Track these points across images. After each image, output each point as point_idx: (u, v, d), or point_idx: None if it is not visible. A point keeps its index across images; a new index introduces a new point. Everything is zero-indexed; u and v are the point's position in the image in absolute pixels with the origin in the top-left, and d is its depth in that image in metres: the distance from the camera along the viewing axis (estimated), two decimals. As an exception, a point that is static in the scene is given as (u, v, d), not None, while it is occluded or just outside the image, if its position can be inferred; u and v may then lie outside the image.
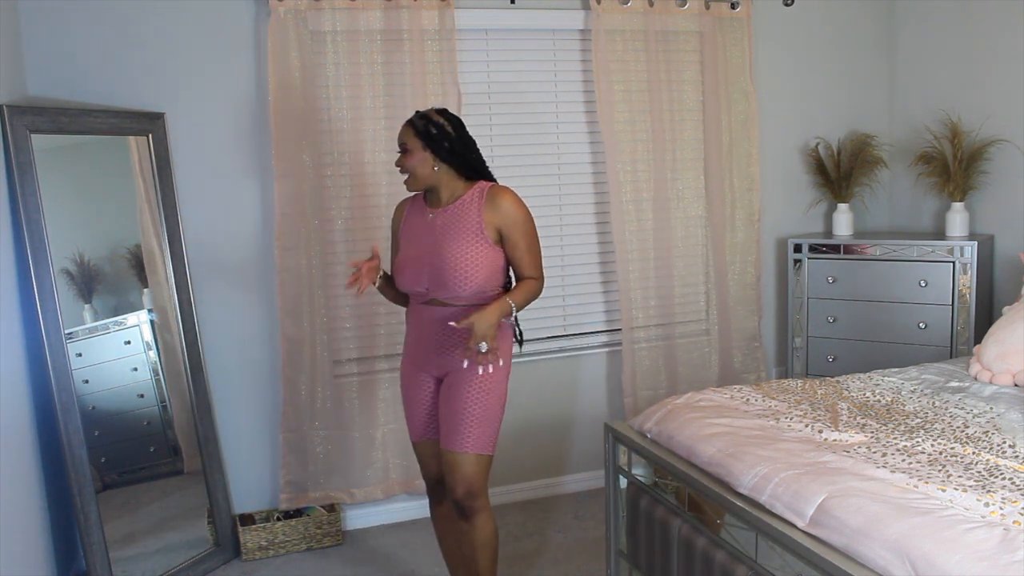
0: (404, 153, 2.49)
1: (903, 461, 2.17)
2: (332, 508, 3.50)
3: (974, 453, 2.23)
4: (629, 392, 3.84)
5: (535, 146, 3.76)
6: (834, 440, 2.35)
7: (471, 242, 2.45)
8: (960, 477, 2.05)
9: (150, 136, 3.17)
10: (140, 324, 3.22)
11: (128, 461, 3.17)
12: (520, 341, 2.62)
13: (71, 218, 3.04)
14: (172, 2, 3.20)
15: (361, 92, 3.38)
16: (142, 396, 3.23)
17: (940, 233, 3.86)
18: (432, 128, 2.46)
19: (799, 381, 2.95)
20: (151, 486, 3.25)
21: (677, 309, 3.91)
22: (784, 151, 4.16)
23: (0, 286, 2.52)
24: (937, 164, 3.82)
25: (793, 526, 1.99)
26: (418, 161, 2.47)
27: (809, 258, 3.91)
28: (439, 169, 2.49)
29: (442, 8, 3.42)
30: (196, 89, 3.26)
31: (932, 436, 2.36)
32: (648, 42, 3.72)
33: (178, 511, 3.27)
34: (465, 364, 2.38)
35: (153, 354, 3.25)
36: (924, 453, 2.23)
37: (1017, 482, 2.02)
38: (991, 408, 2.62)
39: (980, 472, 2.09)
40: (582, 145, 3.83)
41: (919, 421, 2.51)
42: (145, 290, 3.25)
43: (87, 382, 2.98)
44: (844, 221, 4.03)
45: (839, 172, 4.07)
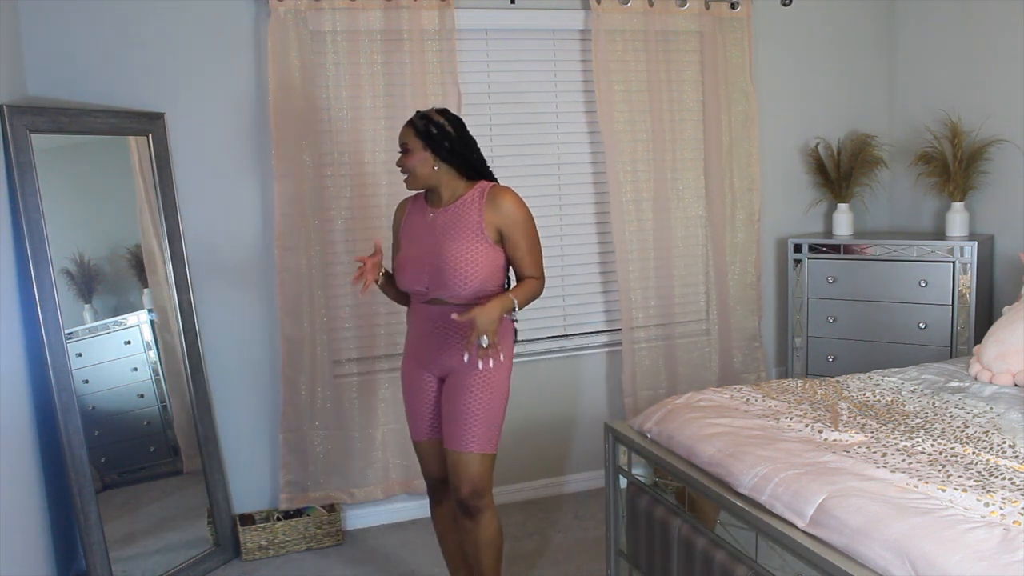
0: (405, 153, 2.49)
1: (903, 461, 2.17)
2: (332, 508, 3.50)
3: (974, 453, 2.23)
4: (629, 392, 3.84)
5: (535, 146, 3.76)
6: (834, 440, 2.35)
7: (471, 242, 2.45)
8: (960, 477, 2.05)
9: (150, 136, 3.17)
10: (140, 324, 3.22)
11: (128, 461, 3.17)
12: (515, 340, 2.62)
13: (71, 218, 3.04)
14: (172, 2, 3.20)
15: (361, 92, 3.38)
16: (142, 396, 3.23)
17: (940, 233, 3.86)
18: (432, 128, 2.46)
19: (799, 381, 2.95)
20: (151, 486, 3.25)
21: (677, 309, 3.91)
22: (784, 151, 4.16)
23: (0, 286, 2.52)
24: (937, 164, 3.82)
25: (793, 526, 1.99)
26: (419, 161, 2.47)
27: (809, 258, 3.91)
28: (439, 169, 2.49)
29: (442, 8, 3.42)
30: (196, 89, 3.26)
31: (932, 436, 2.36)
32: (648, 42, 3.73)
33: (178, 511, 3.27)
34: (466, 358, 2.37)
35: (153, 354, 3.26)
36: (924, 453, 2.23)
37: (1017, 482, 2.02)
38: (991, 408, 2.62)
39: (980, 472, 2.09)
40: (582, 145, 3.83)
41: (919, 421, 2.51)
42: (145, 290, 3.25)
43: (87, 382, 2.98)
44: (844, 221, 4.03)
45: (839, 172, 4.07)
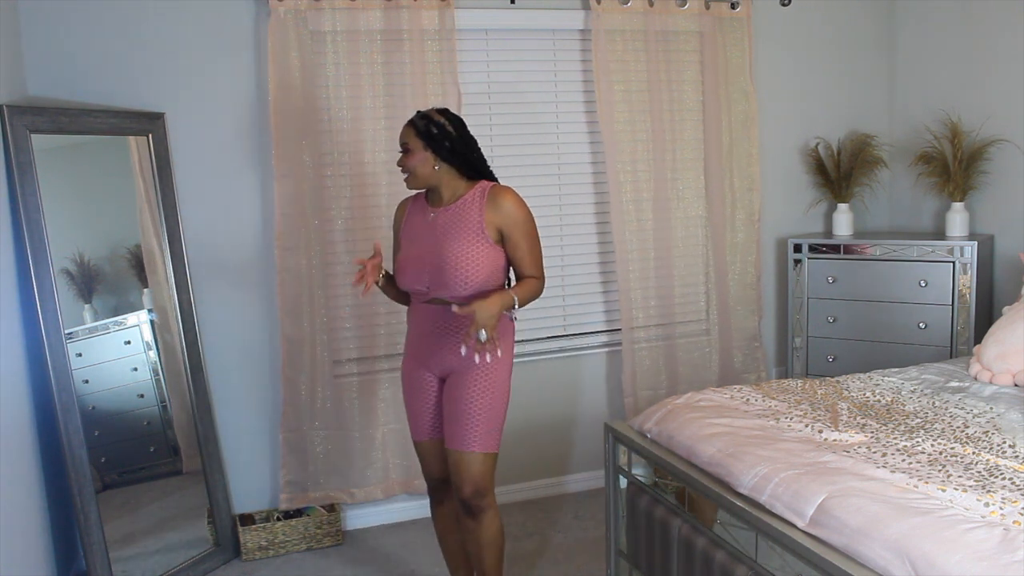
0: (405, 153, 2.49)
1: (903, 461, 2.17)
2: (332, 508, 3.50)
3: (974, 453, 2.23)
4: (629, 392, 3.84)
5: (535, 146, 3.76)
6: (834, 440, 2.35)
7: (472, 242, 2.45)
8: (960, 477, 2.05)
9: (150, 136, 3.17)
10: (140, 324, 3.22)
11: (128, 461, 3.17)
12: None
13: (71, 218, 3.04)
14: (172, 2, 3.20)
15: (361, 92, 3.38)
16: (142, 396, 3.23)
17: (940, 233, 3.86)
18: (433, 128, 2.46)
19: (799, 381, 2.95)
20: (151, 486, 3.25)
21: (677, 309, 3.91)
22: (784, 151, 4.16)
23: (0, 286, 2.52)
24: (937, 164, 3.82)
25: (793, 526, 1.99)
26: (419, 161, 2.47)
27: (809, 258, 3.91)
28: (440, 169, 2.49)
29: (442, 8, 3.42)
30: (196, 89, 3.26)
31: (932, 436, 2.36)
32: (648, 42, 3.73)
33: (178, 511, 3.27)
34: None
35: (153, 354, 3.26)
36: (924, 453, 2.23)
37: (1017, 482, 2.02)
38: (991, 408, 2.62)
39: (980, 472, 2.09)
40: (582, 145, 3.83)
41: (919, 421, 2.51)
42: (145, 290, 3.25)
43: (87, 382, 2.98)
44: (844, 221, 4.03)
45: (839, 172, 4.06)
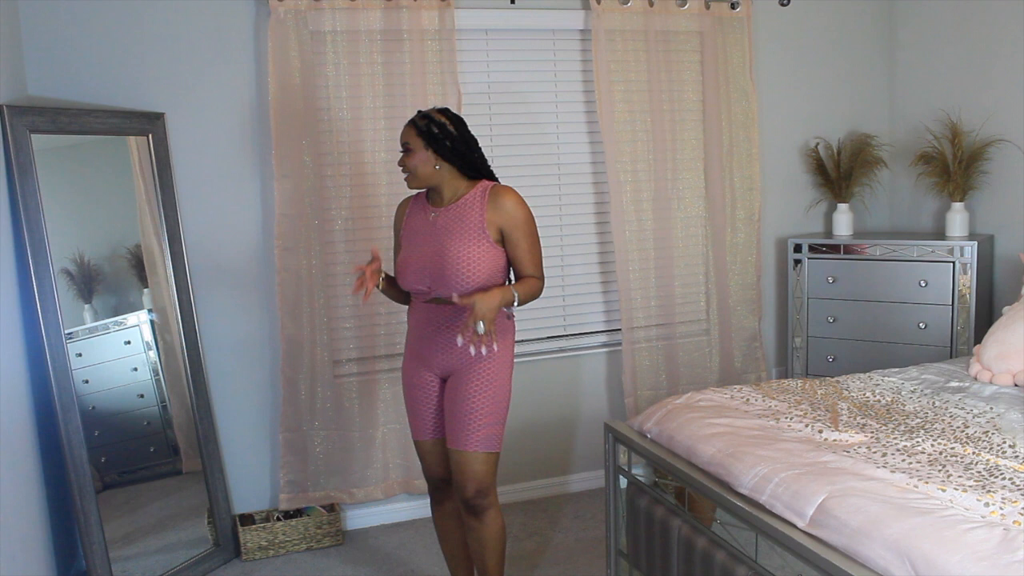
0: (406, 152, 2.49)
1: (903, 461, 2.17)
2: (332, 508, 3.50)
3: (974, 453, 2.23)
4: (629, 392, 3.84)
5: (535, 146, 3.76)
6: (834, 440, 2.35)
7: (473, 241, 2.45)
8: (960, 477, 2.05)
9: (150, 136, 3.17)
10: (140, 324, 3.22)
11: (128, 461, 3.17)
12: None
13: (71, 218, 3.04)
14: (172, 2, 3.20)
15: (361, 92, 3.38)
16: (142, 396, 3.23)
17: (940, 233, 3.86)
18: (434, 127, 2.46)
19: (799, 381, 2.95)
20: (151, 486, 3.25)
21: (677, 309, 3.91)
22: (784, 151, 4.16)
23: (0, 286, 2.52)
24: (937, 164, 3.81)
25: (793, 526, 1.99)
26: (420, 160, 2.47)
27: (809, 258, 3.91)
28: (441, 168, 2.49)
29: (442, 8, 3.42)
30: (196, 89, 3.26)
31: (932, 436, 2.36)
32: (648, 42, 3.73)
33: (178, 511, 3.27)
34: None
35: (153, 354, 3.26)
36: (924, 453, 2.23)
37: (1017, 482, 2.02)
38: (991, 408, 2.62)
39: (980, 472, 2.09)
40: (582, 145, 3.83)
41: (919, 421, 2.51)
42: (145, 290, 3.25)
43: (87, 382, 2.99)
44: (844, 221, 4.03)
45: (839, 172, 4.06)
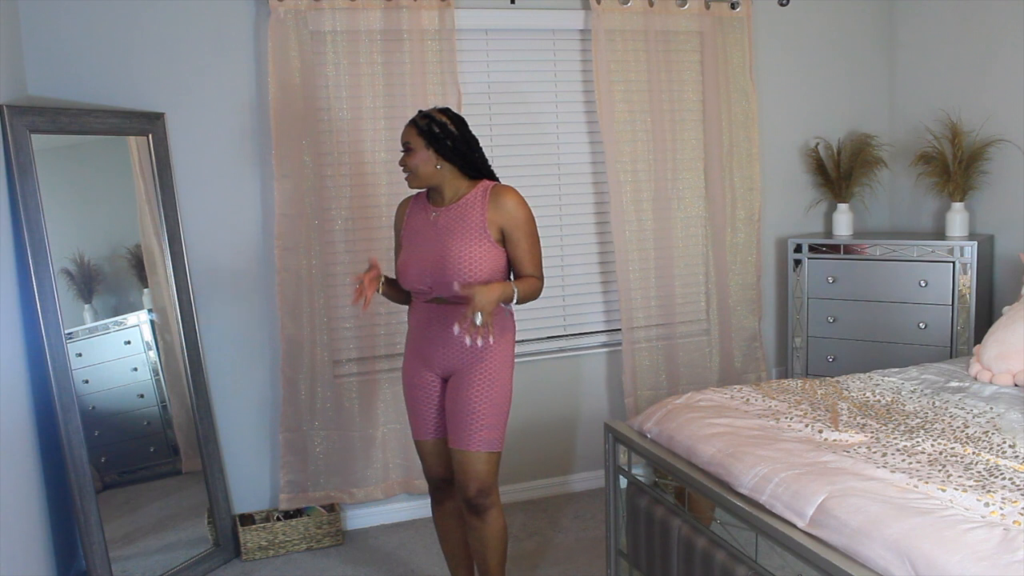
0: (407, 152, 2.49)
1: (903, 461, 2.17)
2: (332, 508, 3.50)
3: (974, 453, 2.23)
4: (630, 392, 3.84)
5: (535, 146, 3.76)
6: (834, 440, 2.35)
7: (474, 241, 2.45)
8: (960, 477, 2.05)
9: (150, 136, 3.17)
10: (140, 324, 3.22)
11: (128, 461, 3.17)
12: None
13: (71, 218, 3.04)
14: (172, 2, 3.20)
15: (361, 92, 3.38)
16: (142, 396, 3.23)
17: (940, 233, 3.86)
18: (435, 127, 2.46)
19: (799, 381, 2.95)
20: (151, 486, 3.25)
21: (677, 309, 3.91)
22: (784, 151, 4.16)
23: (0, 286, 2.52)
24: (937, 164, 3.81)
25: (793, 526, 1.99)
26: (421, 160, 2.47)
27: (809, 258, 3.91)
28: (442, 168, 2.49)
29: (442, 8, 3.42)
30: (196, 89, 3.26)
31: (932, 436, 2.36)
32: (648, 42, 3.73)
33: (178, 511, 3.27)
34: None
35: (153, 354, 3.25)
36: (924, 453, 2.23)
37: (1017, 482, 2.02)
38: (991, 408, 2.62)
39: (980, 472, 2.09)
40: (582, 145, 3.83)
41: (919, 421, 2.51)
42: (145, 290, 3.25)
43: (87, 382, 2.98)
44: (844, 221, 4.03)
45: (839, 172, 4.06)
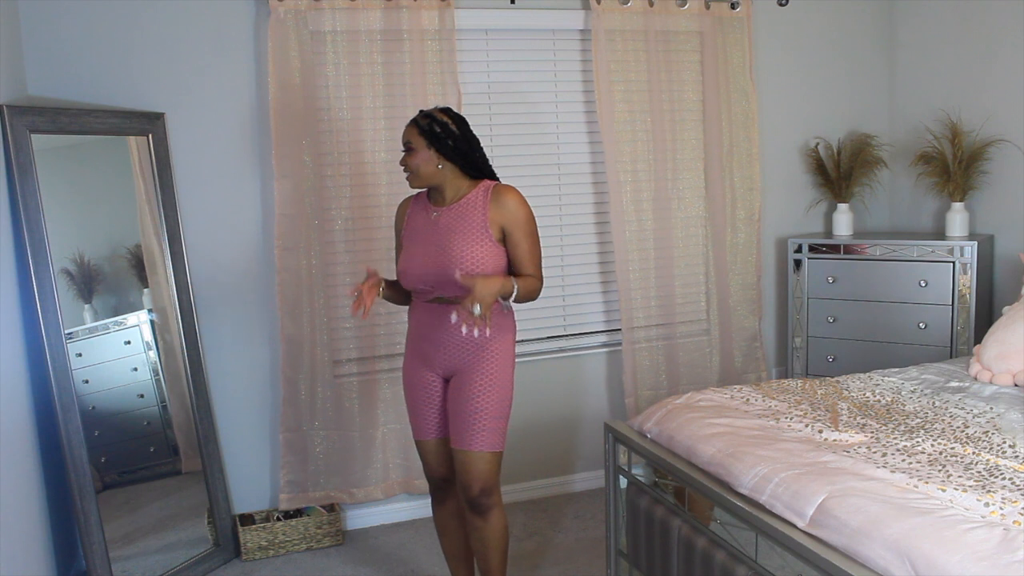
0: (408, 152, 2.49)
1: (903, 461, 2.17)
2: (332, 508, 3.50)
3: (974, 453, 2.23)
4: (630, 392, 3.84)
5: (535, 146, 3.76)
6: (834, 440, 2.35)
7: (476, 240, 2.45)
8: (960, 477, 2.05)
9: (150, 136, 3.17)
10: (140, 324, 3.22)
11: (128, 461, 3.17)
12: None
13: (71, 218, 3.04)
14: (172, 2, 3.20)
15: (361, 92, 3.38)
16: (142, 396, 3.23)
17: (940, 233, 3.86)
18: (436, 127, 2.46)
19: (799, 381, 2.95)
20: (151, 486, 3.25)
21: (677, 309, 3.91)
22: (784, 151, 4.16)
23: (0, 286, 2.52)
24: (937, 164, 3.81)
25: (793, 526, 1.99)
26: (422, 160, 2.47)
27: (809, 258, 3.91)
28: (443, 168, 2.49)
29: (442, 8, 3.42)
30: (196, 89, 3.26)
31: (932, 436, 2.36)
32: (648, 42, 3.73)
33: (178, 511, 3.27)
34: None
35: (153, 354, 3.25)
36: (924, 453, 2.23)
37: (1017, 482, 2.02)
38: (991, 408, 2.62)
39: (980, 472, 2.09)
40: (582, 145, 3.83)
41: (919, 421, 2.51)
42: (145, 290, 3.25)
43: (87, 382, 2.98)
44: (844, 221, 4.03)
45: (839, 172, 4.06)
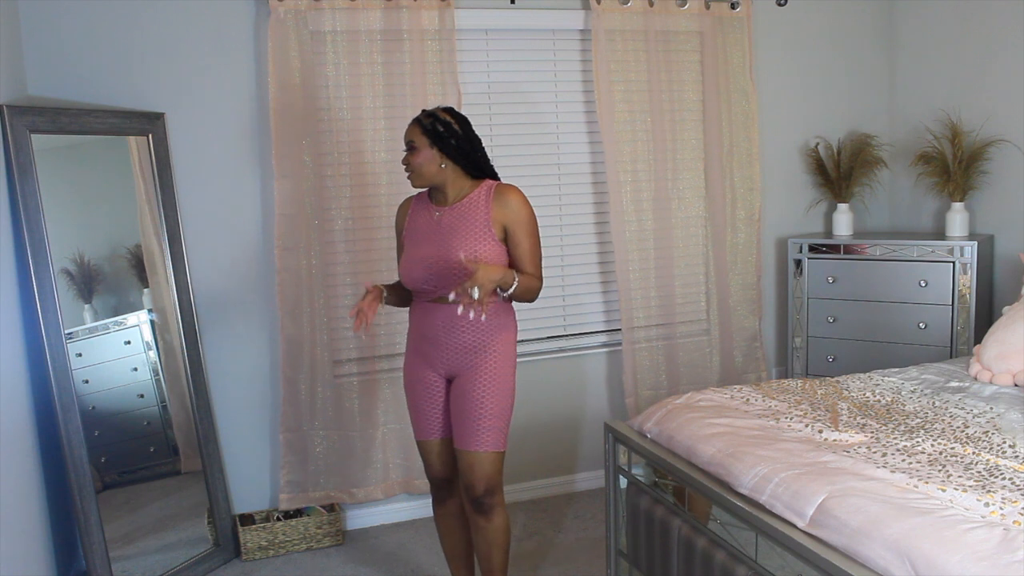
0: (410, 151, 2.49)
1: (903, 461, 2.17)
2: (332, 508, 3.50)
3: (974, 453, 2.23)
4: (630, 392, 3.84)
5: (535, 146, 3.76)
6: (834, 440, 2.35)
7: (479, 239, 2.46)
8: (960, 477, 2.05)
9: (150, 136, 3.17)
10: (140, 324, 3.22)
11: (128, 461, 3.17)
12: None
13: (71, 218, 3.04)
14: (172, 2, 3.20)
15: (361, 92, 3.38)
16: (142, 396, 3.23)
17: (940, 233, 3.86)
18: (439, 126, 2.47)
19: (799, 381, 2.95)
20: (151, 486, 3.25)
21: (677, 309, 3.91)
22: (784, 151, 4.16)
23: (0, 286, 2.52)
24: (937, 164, 3.81)
25: (793, 526, 1.99)
26: (425, 159, 2.47)
27: (809, 258, 3.91)
28: (445, 167, 2.49)
29: (442, 8, 3.42)
30: (196, 89, 3.26)
31: (932, 436, 2.36)
32: (648, 42, 3.73)
33: (178, 511, 3.27)
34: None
35: (153, 354, 3.25)
36: (924, 453, 2.23)
37: (1017, 482, 2.02)
38: (991, 408, 2.62)
39: (980, 472, 2.09)
40: (582, 145, 3.83)
41: (919, 421, 2.51)
42: (145, 290, 3.25)
43: (87, 382, 2.98)
44: (844, 221, 4.03)
45: (839, 172, 4.06)
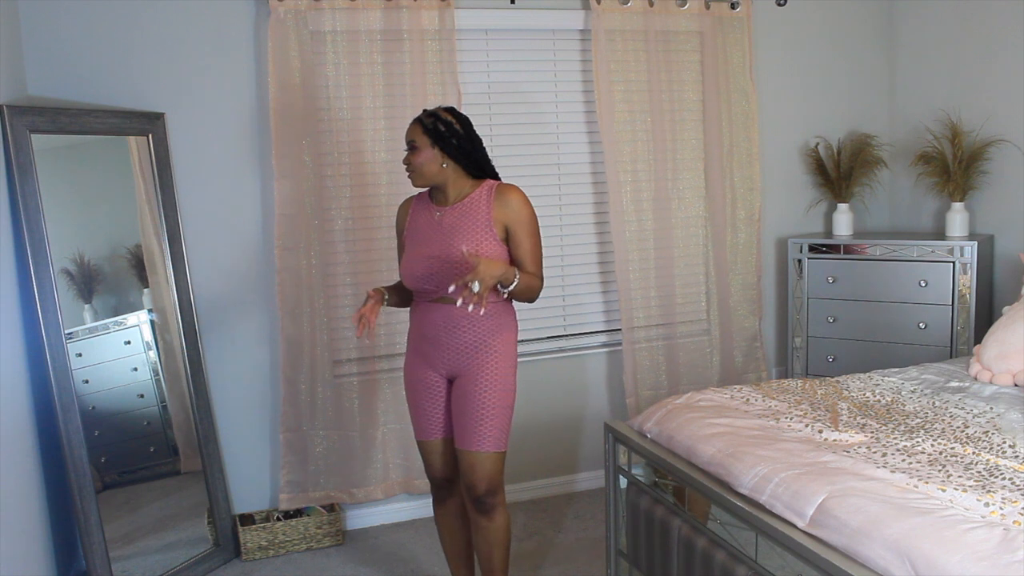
0: (412, 150, 2.49)
1: (903, 461, 2.17)
2: (332, 508, 3.50)
3: (974, 453, 2.23)
4: (631, 392, 3.84)
5: (535, 146, 3.76)
6: (834, 440, 2.35)
7: (481, 239, 2.46)
8: (960, 477, 2.05)
9: (150, 136, 3.17)
10: (140, 324, 3.22)
11: (128, 461, 3.17)
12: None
13: (71, 218, 3.04)
14: (172, 2, 3.20)
15: (361, 92, 3.38)
16: (142, 396, 3.23)
17: (940, 233, 3.86)
18: (441, 126, 2.47)
19: (799, 381, 2.95)
20: (151, 486, 3.25)
21: (677, 309, 3.91)
22: (784, 151, 4.16)
23: (0, 286, 2.52)
24: (937, 164, 3.81)
25: (793, 526, 1.99)
26: (426, 158, 2.47)
27: (809, 258, 3.91)
28: (447, 167, 2.49)
29: (442, 8, 3.42)
30: (196, 89, 3.27)
31: (932, 436, 2.36)
32: (648, 42, 3.73)
33: (178, 511, 3.27)
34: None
35: (153, 354, 3.25)
36: (924, 453, 2.23)
37: (1017, 482, 2.02)
38: (991, 408, 2.62)
39: (980, 472, 2.09)
40: (582, 145, 3.83)
41: (919, 421, 2.51)
42: (145, 290, 3.25)
43: (87, 382, 2.98)
44: (844, 221, 4.03)
45: (839, 172, 4.07)
